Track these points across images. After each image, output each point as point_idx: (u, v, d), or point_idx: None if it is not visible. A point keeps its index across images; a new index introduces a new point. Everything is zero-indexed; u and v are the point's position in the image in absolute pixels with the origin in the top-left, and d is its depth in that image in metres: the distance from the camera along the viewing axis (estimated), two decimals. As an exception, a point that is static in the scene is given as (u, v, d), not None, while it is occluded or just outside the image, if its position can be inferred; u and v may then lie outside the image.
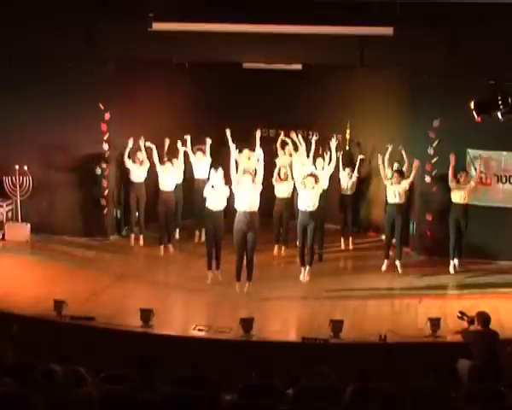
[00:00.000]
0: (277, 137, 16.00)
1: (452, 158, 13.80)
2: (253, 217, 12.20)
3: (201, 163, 15.07)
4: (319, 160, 14.22)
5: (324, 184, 13.69)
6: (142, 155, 15.07)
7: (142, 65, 15.27)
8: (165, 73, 15.98)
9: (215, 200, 12.79)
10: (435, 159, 14.65)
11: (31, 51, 14.59)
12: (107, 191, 15.80)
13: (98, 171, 15.71)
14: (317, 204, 12.82)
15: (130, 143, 14.98)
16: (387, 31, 13.34)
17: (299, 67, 15.40)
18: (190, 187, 15.28)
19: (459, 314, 9.89)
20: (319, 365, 7.38)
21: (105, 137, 15.58)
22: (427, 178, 14.74)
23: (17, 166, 15.26)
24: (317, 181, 12.81)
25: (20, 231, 15.44)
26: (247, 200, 12.15)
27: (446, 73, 13.68)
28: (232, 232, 12.45)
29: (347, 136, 16.93)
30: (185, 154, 15.11)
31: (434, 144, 14.62)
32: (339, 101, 16.62)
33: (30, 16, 14.46)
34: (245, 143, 15.16)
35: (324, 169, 14.02)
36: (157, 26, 13.96)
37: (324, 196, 13.62)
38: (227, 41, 13.96)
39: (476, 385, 6.91)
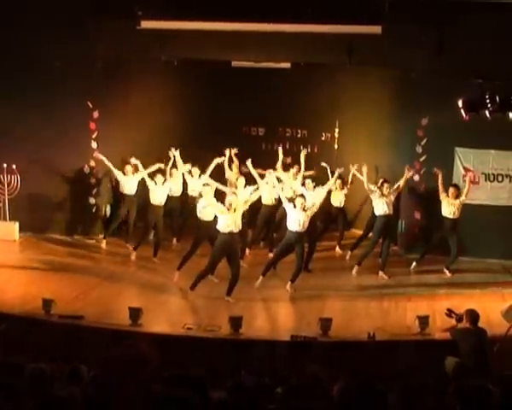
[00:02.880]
0: (266, 136, 16.11)
1: (438, 173, 13.74)
2: (236, 237, 12.15)
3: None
4: (308, 181, 14.18)
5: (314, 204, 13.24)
6: (130, 167, 14.88)
7: (131, 63, 15.23)
8: (153, 71, 15.96)
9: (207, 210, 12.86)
10: (424, 157, 14.71)
11: (18, 50, 14.53)
12: (95, 190, 15.79)
13: (87, 169, 15.70)
14: (306, 225, 12.68)
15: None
16: (376, 29, 13.35)
17: (287, 65, 15.40)
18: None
19: (447, 312, 9.91)
20: (308, 363, 7.38)
21: (93, 136, 15.56)
22: (416, 177, 14.78)
23: (5, 165, 15.22)
24: (305, 202, 12.66)
25: (9, 230, 15.39)
26: (228, 221, 12.04)
27: (434, 72, 13.71)
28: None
29: (336, 134, 16.97)
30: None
31: (423, 143, 14.68)
32: (327, 99, 16.64)
33: (18, 15, 14.42)
34: (232, 142, 15.26)
35: (315, 191, 13.81)
36: (146, 24, 13.94)
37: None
38: (216, 39, 13.94)
39: (464, 382, 6.93)
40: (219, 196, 12.89)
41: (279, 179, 14.15)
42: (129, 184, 14.96)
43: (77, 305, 11.65)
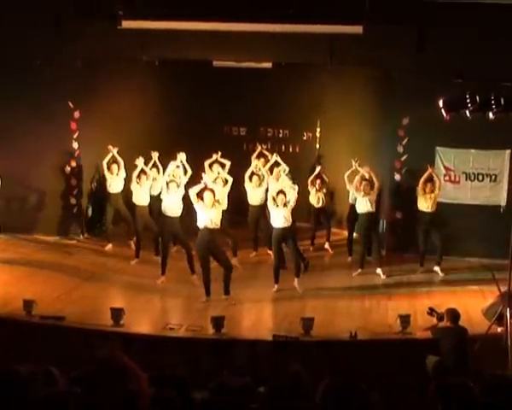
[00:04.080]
0: (248, 136, 16.13)
1: (430, 170, 13.80)
2: (214, 233, 12.13)
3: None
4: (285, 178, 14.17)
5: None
6: (116, 166, 14.82)
7: (112, 63, 15.17)
8: (134, 71, 15.90)
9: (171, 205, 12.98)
10: (404, 157, 14.76)
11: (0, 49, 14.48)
12: (76, 190, 15.73)
13: (67, 170, 15.62)
14: (290, 220, 12.67)
15: (113, 152, 14.70)
16: (357, 29, 13.39)
17: (269, 65, 15.41)
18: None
19: (429, 311, 9.97)
20: (290, 362, 7.40)
21: (74, 136, 15.49)
22: (397, 176, 14.84)
23: (-15, 165, 15.14)
24: (286, 197, 12.61)
25: (-11, 231, 15.30)
26: (207, 217, 12.04)
27: (415, 71, 13.77)
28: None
29: (317, 134, 17.00)
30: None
31: (404, 142, 14.72)
32: (309, 99, 16.66)
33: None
34: (214, 142, 15.25)
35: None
36: (127, 24, 13.90)
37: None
38: (197, 39, 13.94)
39: (445, 381, 6.97)
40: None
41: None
42: (114, 183, 14.91)
43: (58, 306, 11.61)
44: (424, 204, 13.67)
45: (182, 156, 13.74)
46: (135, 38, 14.11)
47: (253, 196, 14.41)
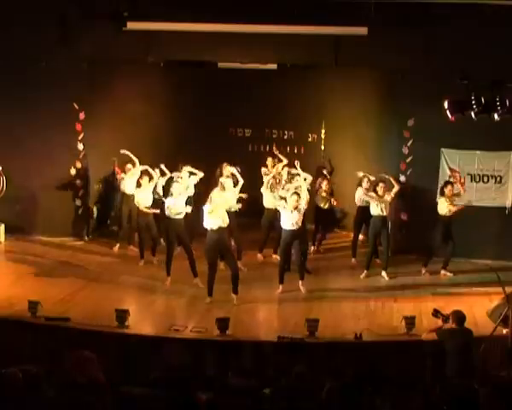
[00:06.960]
0: (253, 137, 16.12)
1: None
2: (223, 233, 12.15)
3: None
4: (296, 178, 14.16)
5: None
6: (132, 166, 14.69)
7: (117, 64, 15.19)
8: (139, 72, 15.90)
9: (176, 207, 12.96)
10: (410, 158, 14.73)
11: (3, 50, 14.48)
12: (82, 191, 15.74)
13: (73, 171, 15.63)
14: (300, 222, 12.67)
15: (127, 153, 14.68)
16: (362, 31, 13.38)
17: (274, 66, 15.40)
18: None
19: (433, 312, 9.94)
20: (295, 364, 7.40)
21: (80, 137, 15.51)
22: (402, 178, 14.79)
23: (-9, 167, 15.18)
24: (299, 200, 12.62)
25: (-6, 232, 15.33)
26: (217, 218, 12.03)
27: (420, 73, 13.75)
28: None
29: (322, 135, 16.98)
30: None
31: (409, 144, 14.70)
32: (314, 100, 16.64)
33: (1, 14, 14.35)
34: (219, 144, 15.24)
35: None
36: (132, 25, 13.91)
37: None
38: (202, 41, 13.95)
39: (451, 382, 6.97)
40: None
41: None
42: (129, 183, 14.76)
43: (63, 307, 11.62)
44: (446, 208, 13.60)
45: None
46: (140, 39, 14.12)
47: (269, 199, 14.29)
